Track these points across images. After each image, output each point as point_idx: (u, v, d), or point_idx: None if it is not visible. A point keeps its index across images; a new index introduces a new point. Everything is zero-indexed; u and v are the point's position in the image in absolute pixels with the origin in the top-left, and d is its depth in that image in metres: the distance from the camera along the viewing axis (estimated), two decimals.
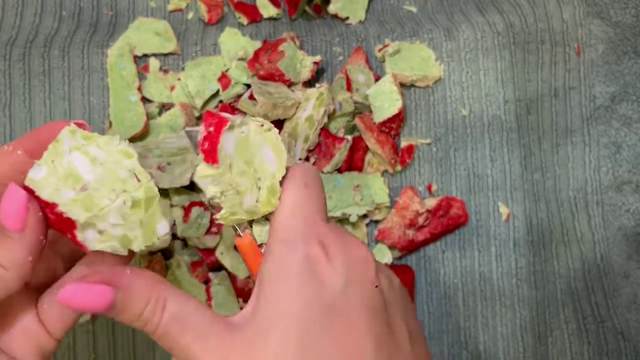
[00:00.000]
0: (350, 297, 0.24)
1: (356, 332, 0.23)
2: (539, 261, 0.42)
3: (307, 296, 0.23)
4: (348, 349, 0.23)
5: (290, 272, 0.24)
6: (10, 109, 0.41)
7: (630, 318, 0.42)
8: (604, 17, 0.45)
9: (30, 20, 0.43)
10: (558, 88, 0.44)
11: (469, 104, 0.43)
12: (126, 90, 0.40)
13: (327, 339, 0.23)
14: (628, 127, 0.44)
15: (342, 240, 0.25)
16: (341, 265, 0.24)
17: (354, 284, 0.24)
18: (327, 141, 0.40)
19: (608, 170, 0.44)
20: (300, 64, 0.41)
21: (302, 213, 0.25)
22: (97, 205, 0.23)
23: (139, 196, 0.24)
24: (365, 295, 0.24)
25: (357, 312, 0.24)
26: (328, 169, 0.40)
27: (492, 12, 0.44)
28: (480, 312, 0.42)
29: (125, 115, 0.40)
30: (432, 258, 0.43)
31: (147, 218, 0.24)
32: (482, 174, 0.43)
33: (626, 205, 0.43)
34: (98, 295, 0.23)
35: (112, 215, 0.24)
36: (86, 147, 0.24)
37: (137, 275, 0.24)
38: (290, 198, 0.26)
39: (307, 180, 0.26)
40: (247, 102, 0.39)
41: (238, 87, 0.41)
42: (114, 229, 0.24)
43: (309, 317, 0.23)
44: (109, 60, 0.41)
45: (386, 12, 0.46)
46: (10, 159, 0.24)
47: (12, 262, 0.23)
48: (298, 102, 0.40)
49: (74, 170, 0.23)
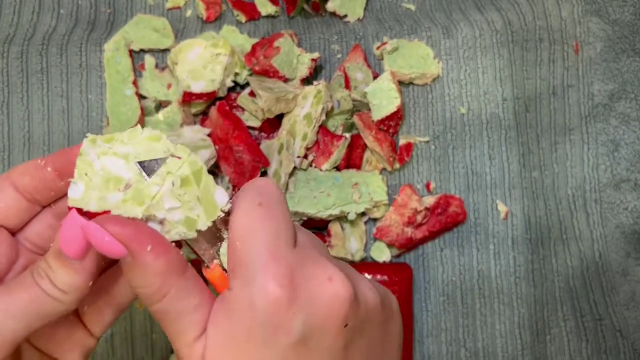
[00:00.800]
0: (308, 345, 0.22)
1: None
2: (538, 259, 0.42)
3: (258, 346, 0.21)
4: None
5: (242, 319, 0.21)
6: (8, 106, 0.41)
7: (628, 315, 0.42)
8: (602, 15, 0.45)
9: (28, 18, 0.43)
10: (556, 86, 0.44)
11: (468, 102, 0.43)
12: (122, 85, 0.40)
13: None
14: (626, 125, 0.44)
15: (308, 275, 0.22)
16: (301, 308, 0.21)
17: (315, 329, 0.22)
18: (325, 139, 0.40)
19: (606, 168, 0.44)
20: (298, 60, 0.41)
21: (258, 240, 0.22)
22: (147, 196, 0.23)
23: (185, 172, 0.23)
24: (326, 340, 0.22)
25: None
26: (326, 167, 0.40)
27: (490, 10, 0.44)
28: (479, 309, 0.42)
29: (121, 110, 0.40)
30: (431, 256, 0.43)
31: (202, 192, 0.23)
32: (481, 172, 0.43)
33: (624, 203, 0.43)
34: (114, 247, 0.22)
35: (166, 200, 0.23)
36: (112, 149, 0.23)
37: (156, 254, 0.22)
38: (242, 222, 0.22)
39: (261, 200, 0.23)
40: (246, 99, 0.39)
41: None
42: (173, 214, 0.23)
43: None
44: (105, 55, 0.41)
45: (384, 10, 0.46)
46: (42, 173, 0.24)
47: (71, 287, 0.22)
48: (297, 95, 0.40)
49: (111, 174, 0.23)
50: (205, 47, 0.40)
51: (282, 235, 0.23)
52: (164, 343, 0.41)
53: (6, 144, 0.40)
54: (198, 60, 0.40)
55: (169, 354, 0.41)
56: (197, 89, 0.39)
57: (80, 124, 0.41)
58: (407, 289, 0.41)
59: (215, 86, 0.39)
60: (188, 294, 0.22)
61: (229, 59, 0.40)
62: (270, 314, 0.21)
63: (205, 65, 0.39)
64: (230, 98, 0.41)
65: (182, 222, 0.24)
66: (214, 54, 0.40)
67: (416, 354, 0.42)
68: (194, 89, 0.39)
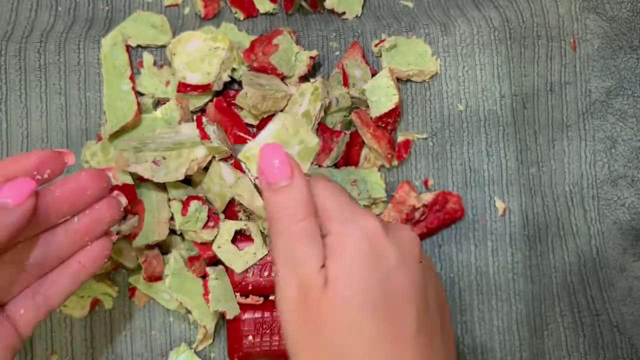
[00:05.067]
0: (401, 272, 0.26)
1: (403, 307, 0.26)
2: (535, 255, 0.43)
3: (366, 268, 0.26)
4: (396, 321, 0.26)
5: (350, 246, 0.26)
6: (6, 104, 0.41)
7: (625, 311, 0.42)
8: (599, 11, 0.45)
9: (25, 15, 0.43)
10: (554, 83, 0.44)
11: (466, 99, 0.43)
12: (118, 80, 0.40)
13: (382, 307, 0.26)
14: (624, 121, 0.44)
15: (388, 221, 0.28)
16: (392, 241, 0.27)
17: (405, 260, 0.27)
18: (324, 135, 0.40)
19: (604, 164, 0.44)
20: (296, 58, 0.41)
21: (343, 197, 0.28)
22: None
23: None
24: (413, 272, 0.27)
25: (407, 287, 0.26)
26: (327, 163, 0.40)
27: (488, 7, 0.44)
28: (477, 306, 0.42)
29: (117, 105, 0.40)
30: (429, 253, 0.43)
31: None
32: (479, 169, 0.43)
33: (621, 200, 0.44)
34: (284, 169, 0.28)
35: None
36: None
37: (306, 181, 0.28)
38: (324, 188, 0.28)
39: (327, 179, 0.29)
40: (242, 96, 0.39)
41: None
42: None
43: (368, 286, 0.26)
44: (102, 50, 0.41)
45: (382, 7, 0.46)
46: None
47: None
48: (289, 95, 0.40)
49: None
50: (205, 40, 0.40)
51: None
52: (164, 339, 0.41)
53: (4, 142, 0.40)
54: (196, 53, 0.40)
55: (168, 350, 0.41)
56: (192, 81, 0.39)
57: (78, 121, 0.41)
58: None
59: (210, 79, 0.39)
60: (316, 228, 0.27)
61: (227, 54, 0.40)
62: (373, 242, 0.26)
63: (202, 57, 0.39)
64: (228, 95, 0.42)
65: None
66: (212, 47, 0.40)
67: None
68: (189, 80, 0.39)
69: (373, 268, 0.26)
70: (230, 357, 0.40)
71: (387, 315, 0.26)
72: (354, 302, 0.25)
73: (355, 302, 0.25)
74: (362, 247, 0.26)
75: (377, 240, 0.26)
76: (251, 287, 0.40)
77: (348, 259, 0.26)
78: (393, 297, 0.26)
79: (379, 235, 0.27)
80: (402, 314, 0.26)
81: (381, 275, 0.26)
